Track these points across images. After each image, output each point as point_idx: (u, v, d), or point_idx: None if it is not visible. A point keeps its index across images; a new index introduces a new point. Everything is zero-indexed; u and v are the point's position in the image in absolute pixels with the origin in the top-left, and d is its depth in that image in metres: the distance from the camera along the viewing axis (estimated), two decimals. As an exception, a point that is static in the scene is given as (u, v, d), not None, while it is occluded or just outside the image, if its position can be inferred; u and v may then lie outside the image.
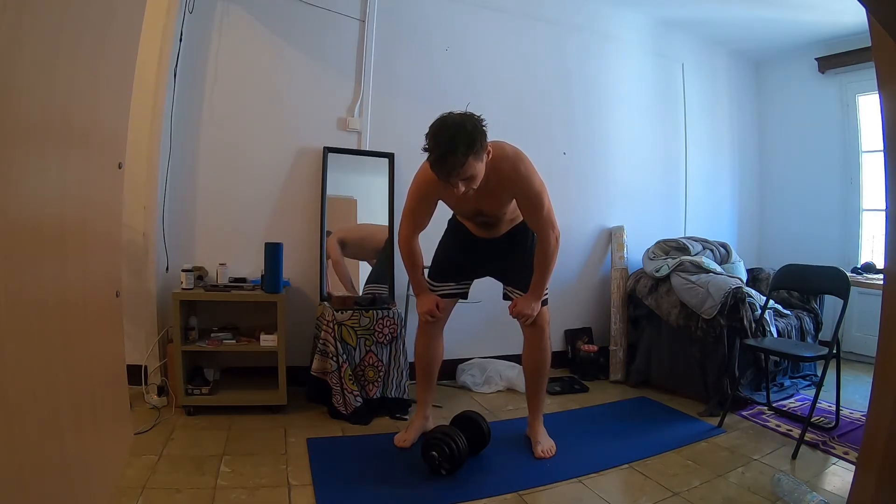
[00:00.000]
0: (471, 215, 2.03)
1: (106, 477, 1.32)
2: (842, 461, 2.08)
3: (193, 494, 1.66)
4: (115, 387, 1.45)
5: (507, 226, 2.09)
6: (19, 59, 0.79)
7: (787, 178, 4.22)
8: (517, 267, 2.10)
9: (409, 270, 2.08)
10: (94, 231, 1.24)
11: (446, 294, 2.16)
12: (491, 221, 2.04)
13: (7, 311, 0.77)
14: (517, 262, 2.10)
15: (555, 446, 2.15)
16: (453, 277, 2.17)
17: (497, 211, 1.97)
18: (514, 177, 1.83)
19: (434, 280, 2.19)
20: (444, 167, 1.62)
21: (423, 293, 2.09)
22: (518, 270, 2.10)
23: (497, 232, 2.09)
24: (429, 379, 2.23)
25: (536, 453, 2.09)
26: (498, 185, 1.83)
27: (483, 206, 1.93)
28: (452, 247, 2.20)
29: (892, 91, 1.04)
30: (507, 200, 1.93)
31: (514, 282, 2.13)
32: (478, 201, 1.89)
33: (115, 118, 1.35)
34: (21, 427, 0.83)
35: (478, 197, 1.84)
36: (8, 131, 0.77)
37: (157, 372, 2.44)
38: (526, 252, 2.08)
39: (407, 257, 2.03)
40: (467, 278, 2.19)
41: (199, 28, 2.56)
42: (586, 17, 3.47)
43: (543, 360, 2.16)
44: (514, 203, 1.96)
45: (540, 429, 2.19)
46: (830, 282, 2.44)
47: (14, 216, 0.81)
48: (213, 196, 2.65)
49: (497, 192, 1.86)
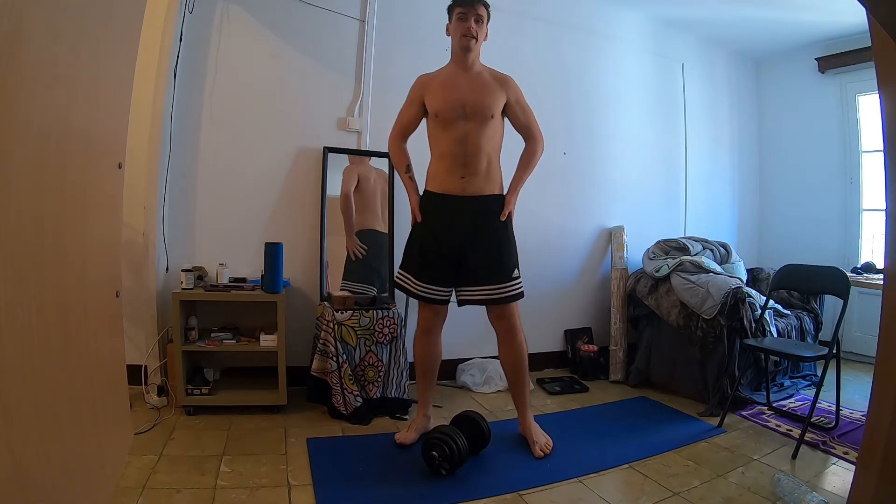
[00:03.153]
0: (457, 111, 2.02)
1: (106, 477, 1.32)
2: (842, 461, 2.08)
3: (193, 494, 1.67)
4: (115, 387, 1.45)
5: (485, 180, 2.06)
6: (19, 59, 0.79)
7: (787, 177, 4.22)
8: (484, 256, 2.06)
9: (397, 168, 2.23)
10: (94, 231, 1.24)
11: (430, 299, 2.11)
12: (472, 142, 2.02)
13: (7, 311, 0.77)
14: (485, 250, 2.06)
15: (551, 441, 2.15)
16: (431, 275, 2.08)
17: (484, 104, 2.04)
18: (509, 81, 2.13)
19: (410, 273, 2.11)
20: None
21: (411, 193, 2.18)
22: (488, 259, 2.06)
23: (474, 181, 2.04)
24: (429, 379, 2.23)
25: (535, 453, 2.09)
26: (493, 80, 2.10)
27: (474, 97, 2.04)
28: (423, 230, 2.12)
29: (892, 91, 1.04)
30: (498, 99, 2.08)
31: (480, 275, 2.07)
32: (470, 91, 2.05)
33: (115, 118, 1.35)
34: (21, 427, 0.83)
35: (471, 87, 2.05)
36: (8, 131, 0.77)
37: (157, 372, 2.44)
38: (494, 239, 2.07)
39: (393, 153, 2.22)
40: (442, 275, 2.08)
41: (199, 28, 2.56)
42: (585, 17, 3.47)
43: (520, 356, 2.17)
44: (497, 138, 2.10)
45: (532, 426, 2.19)
46: (830, 282, 2.44)
47: (14, 216, 0.81)
48: (213, 196, 2.65)
49: (491, 86, 2.08)
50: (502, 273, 2.08)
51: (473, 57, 2.09)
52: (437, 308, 2.14)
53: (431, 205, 2.11)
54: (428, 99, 2.09)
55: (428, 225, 2.11)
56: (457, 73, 2.09)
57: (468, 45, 2.04)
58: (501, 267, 2.08)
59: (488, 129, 2.04)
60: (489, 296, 2.08)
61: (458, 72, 2.09)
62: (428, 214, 2.12)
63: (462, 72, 2.08)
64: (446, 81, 2.08)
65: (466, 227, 2.06)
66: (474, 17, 2.03)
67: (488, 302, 2.10)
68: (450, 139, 2.04)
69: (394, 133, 2.21)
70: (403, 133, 2.19)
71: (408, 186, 2.17)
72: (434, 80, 2.11)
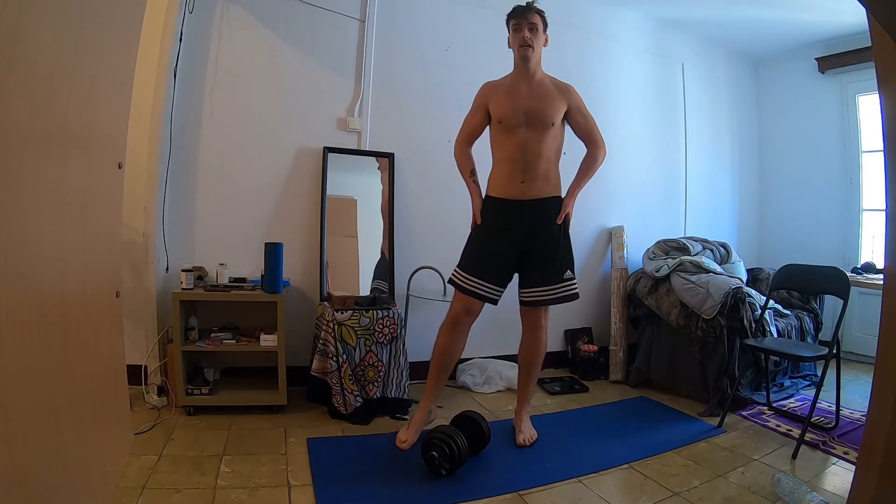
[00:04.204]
0: (519, 119, 2.09)
1: (106, 477, 1.32)
2: (842, 461, 2.08)
3: (193, 494, 1.66)
4: (115, 387, 1.45)
5: (543, 182, 2.12)
6: (19, 59, 0.79)
7: (787, 178, 4.22)
8: (542, 258, 2.13)
9: (461, 172, 2.27)
10: (94, 231, 1.24)
11: (479, 295, 2.13)
12: (533, 148, 2.08)
13: (7, 311, 0.77)
14: (543, 251, 2.13)
15: (536, 435, 2.24)
16: (485, 273, 2.12)
17: (546, 112, 2.09)
18: (570, 89, 2.18)
19: (466, 271, 2.15)
20: (520, 8, 2.11)
21: (474, 196, 2.22)
22: (545, 259, 2.13)
23: (533, 185, 2.10)
24: (441, 373, 2.22)
25: (518, 441, 2.19)
26: (554, 88, 2.15)
27: (536, 105, 2.09)
28: (483, 232, 2.17)
29: (892, 91, 1.04)
30: (559, 108, 2.12)
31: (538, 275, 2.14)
32: (532, 99, 2.10)
33: (114, 118, 1.35)
34: (21, 427, 0.83)
35: (533, 95, 2.11)
36: (8, 131, 0.77)
37: (157, 372, 2.44)
38: (552, 241, 2.12)
39: (458, 158, 2.27)
40: (497, 275, 2.14)
41: (199, 28, 2.56)
42: (585, 17, 3.47)
43: (539, 354, 2.26)
44: (556, 145, 2.14)
45: (525, 419, 2.29)
46: (830, 282, 2.44)
47: (14, 216, 0.81)
48: (213, 196, 2.65)
49: (553, 94, 2.13)
50: (557, 274, 2.14)
51: (534, 65, 2.13)
52: (476, 304, 2.15)
53: (493, 209, 2.17)
54: (492, 106, 2.16)
55: (488, 228, 2.17)
56: (519, 82, 2.14)
57: (526, 55, 2.10)
58: (558, 268, 2.14)
59: (548, 136, 2.10)
60: (546, 296, 2.15)
61: (521, 80, 2.14)
62: (489, 218, 2.17)
63: (524, 80, 2.14)
64: (510, 89, 2.14)
65: (526, 229, 2.13)
66: (528, 27, 2.08)
67: (546, 302, 2.16)
68: (511, 144, 2.11)
69: (459, 138, 2.27)
70: (469, 139, 2.26)
71: (472, 190, 2.23)
72: (498, 87, 2.18)
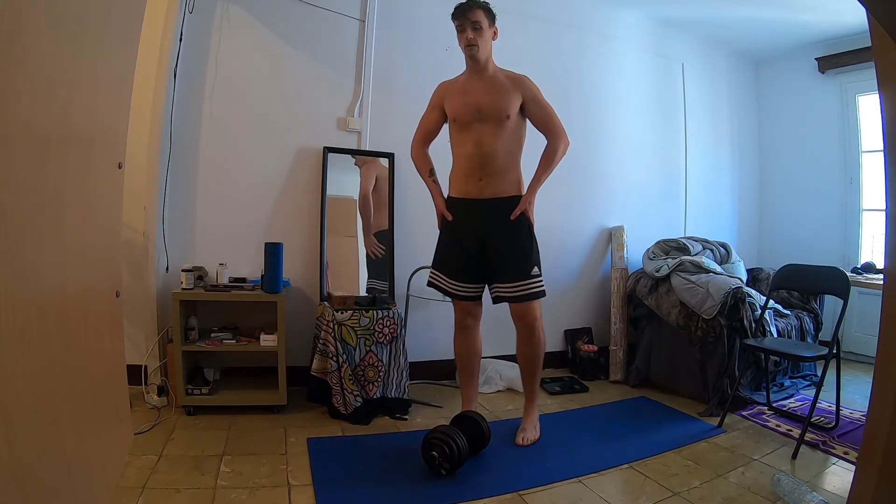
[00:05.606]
0: (472, 114, 2.09)
1: (106, 477, 1.32)
2: (842, 461, 2.08)
3: (193, 494, 1.67)
4: (115, 387, 1.45)
5: (502, 180, 2.11)
6: (19, 59, 0.79)
7: (787, 177, 4.22)
8: (504, 256, 2.13)
9: (420, 173, 2.29)
10: (94, 231, 1.24)
11: (463, 296, 2.20)
12: (489, 143, 2.08)
13: (7, 311, 0.77)
14: (505, 249, 2.13)
15: (537, 437, 2.23)
16: (457, 272, 2.18)
17: (498, 104, 2.08)
18: (524, 80, 2.16)
19: (440, 272, 2.22)
20: (460, 7, 2.08)
21: (435, 196, 2.25)
22: (506, 258, 2.13)
23: (491, 183, 2.11)
24: (468, 376, 2.29)
25: (517, 440, 2.19)
26: (507, 81, 2.13)
27: (488, 99, 2.08)
28: (447, 232, 2.23)
29: (892, 91, 1.04)
30: (512, 99, 2.10)
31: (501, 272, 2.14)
32: (484, 93, 2.10)
33: (114, 118, 1.35)
34: (21, 427, 0.83)
35: (485, 89, 2.10)
36: (8, 131, 0.77)
37: (157, 372, 2.44)
38: (514, 239, 2.12)
39: (415, 158, 2.29)
40: (469, 274, 2.18)
41: (199, 28, 2.56)
42: (585, 17, 3.47)
43: (536, 354, 2.24)
44: (514, 140, 2.12)
45: (529, 418, 2.28)
46: (830, 282, 2.44)
47: (14, 216, 0.81)
48: (213, 196, 2.65)
49: (505, 86, 2.11)
50: (521, 271, 2.13)
51: (484, 61, 2.14)
52: (468, 305, 2.22)
53: (453, 210, 2.20)
54: (447, 104, 2.19)
55: (451, 227, 2.21)
56: (472, 78, 2.17)
57: (472, 54, 2.11)
58: (520, 265, 2.14)
59: (504, 131, 2.10)
60: (510, 293, 2.15)
61: (473, 76, 2.17)
62: (451, 217, 2.20)
63: (476, 76, 2.16)
64: (463, 86, 2.17)
65: (485, 228, 2.14)
66: (471, 26, 2.07)
67: (510, 299, 2.17)
68: (468, 141, 2.12)
69: (416, 138, 2.29)
70: (425, 138, 2.28)
71: (432, 190, 2.25)
72: (452, 85, 2.21)
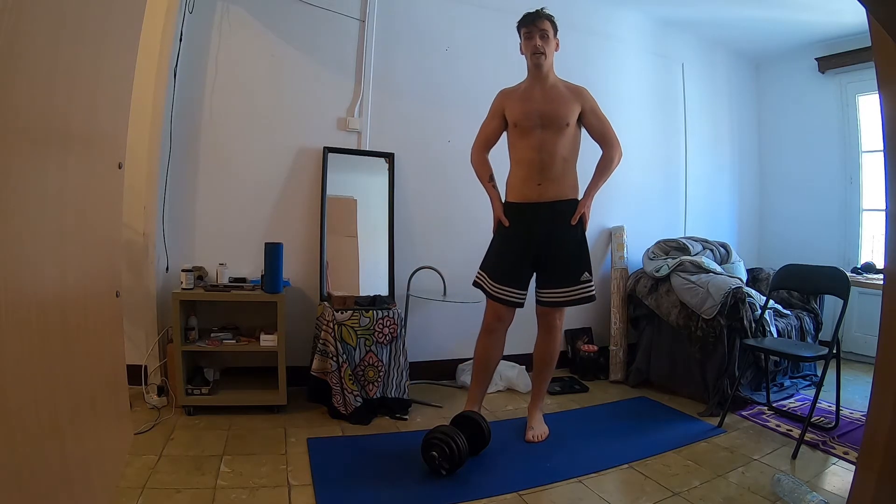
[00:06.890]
0: (534, 120, 2.14)
1: (106, 477, 1.32)
2: (842, 461, 2.08)
3: (193, 494, 1.67)
4: (115, 387, 1.45)
5: (560, 184, 2.15)
6: (19, 59, 0.79)
7: (787, 177, 4.22)
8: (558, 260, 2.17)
9: (479, 178, 2.31)
10: (93, 231, 1.24)
11: (505, 300, 2.20)
12: (549, 149, 2.12)
13: (7, 311, 0.77)
14: (559, 254, 2.17)
15: (547, 432, 2.26)
16: (510, 278, 2.19)
17: (559, 113, 2.13)
18: (583, 91, 2.23)
19: (492, 278, 2.22)
20: (530, 16, 2.16)
21: (494, 201, 2.27)
22: (561, 262, 2.17)
23: (549, 187, 2.14)
24: (483, 377, 2.30)
25: (527, 437, 2.23)
26: (567, 91, 2.20)
27: (549, 107, 2.14)
28: (504, 236, 2.24)
29: (892, 91, 1.04)
30: (572, 109, 2.17)
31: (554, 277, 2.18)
32: (545, 102, 2.15)
33: (114, 118, 1.35)
34: (21, 427, 0.83)
35: (546, 98, 2.15)
36: (8, 131, 0.77)
37: (157, 372, 2.44)
38: (569, 243, 2.17)
39: (475, 164, 2.31)
40: (520, 279, 2.20)
41: (199, 28, 2.56)
42: (585, 17, 3.46)
43: (552, 353, 2.31)
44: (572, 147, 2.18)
45: (536, 415, 2.32)
46: (830, 282, 2.44)
47: (14, 216, 0.81)
48: (213, 196, 2.65)
49: (566, 96, 2.18)
50: (575, 276, 2.17)
51: (546, 70, 2.19)
52: (504, 310, 2.23)
53: (511, 214, 2.22)
54: (508, 111, 2.22)
55: (507, 233, 2.22)
56: (533, 86, 2.21)
57: (538, 62, 2.16)
58: (574, 270, 2.17)
59: (563, 138, 2.15)
60: (562, 298, 2.18)
61: (535, 85, 2.21)
62: (508, 222, 2.21)
63: (538, 84, 2.20)
64: (524, 94, 2.21)
65: (543, 231, 2.17)
66: (539, 34, 2.13)
67: (562, 304, 2.20)
68: (528, 146, 2.16)
69: (476, 145, 2.32)
70: (486, 144, 2.31)
71: (491, 195, 2.28)
72: (513, 93, 2.25)
